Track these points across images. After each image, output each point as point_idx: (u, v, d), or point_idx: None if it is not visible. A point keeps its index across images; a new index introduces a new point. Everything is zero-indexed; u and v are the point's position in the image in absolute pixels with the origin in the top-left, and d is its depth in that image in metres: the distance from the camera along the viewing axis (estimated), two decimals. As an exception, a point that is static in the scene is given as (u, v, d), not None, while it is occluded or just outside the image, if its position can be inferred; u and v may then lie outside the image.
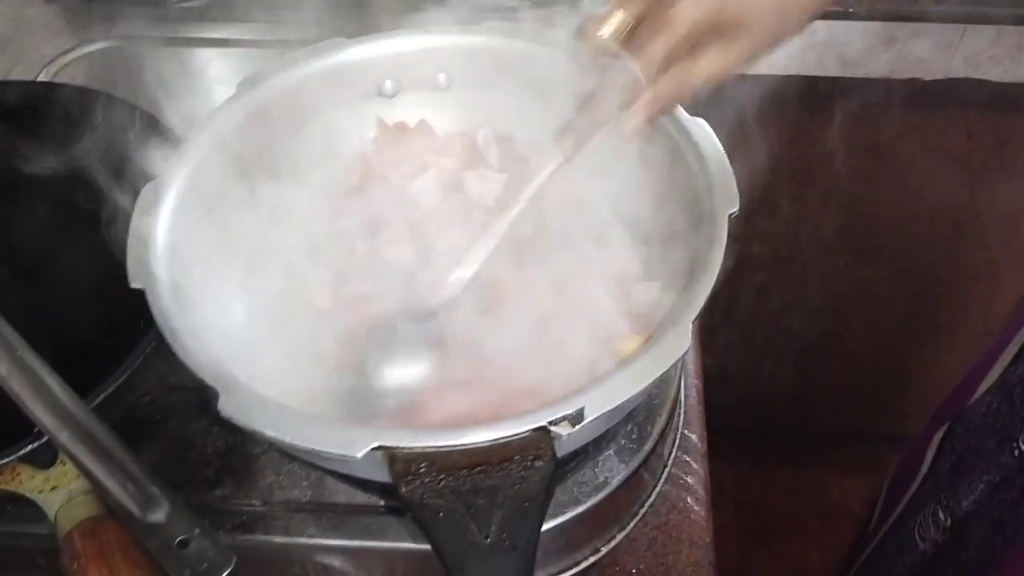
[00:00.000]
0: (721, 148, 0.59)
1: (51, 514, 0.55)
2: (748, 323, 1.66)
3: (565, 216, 0.64)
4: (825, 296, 1.59)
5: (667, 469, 0.68)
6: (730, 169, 0.58)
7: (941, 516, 1.04)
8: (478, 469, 0.47)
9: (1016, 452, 0.87)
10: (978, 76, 1.22)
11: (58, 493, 0.56)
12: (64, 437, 0.54)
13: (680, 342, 0.50)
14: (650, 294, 0.59)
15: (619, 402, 0.48)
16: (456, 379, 0.57)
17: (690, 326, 0.51)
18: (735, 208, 0.56)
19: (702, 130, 0.61)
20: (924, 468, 1.13)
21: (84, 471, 0.53)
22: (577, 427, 0.47)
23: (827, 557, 1.78)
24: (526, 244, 0.63)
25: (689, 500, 0.70)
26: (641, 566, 0.66)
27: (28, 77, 0.88)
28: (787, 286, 1.58)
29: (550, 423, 0.47)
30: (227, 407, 0.48)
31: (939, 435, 1.08)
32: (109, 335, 0.64)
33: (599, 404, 0.48)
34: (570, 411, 0.47)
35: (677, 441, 0.70)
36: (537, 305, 0.60)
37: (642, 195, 0.61)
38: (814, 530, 1.87)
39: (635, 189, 0.62)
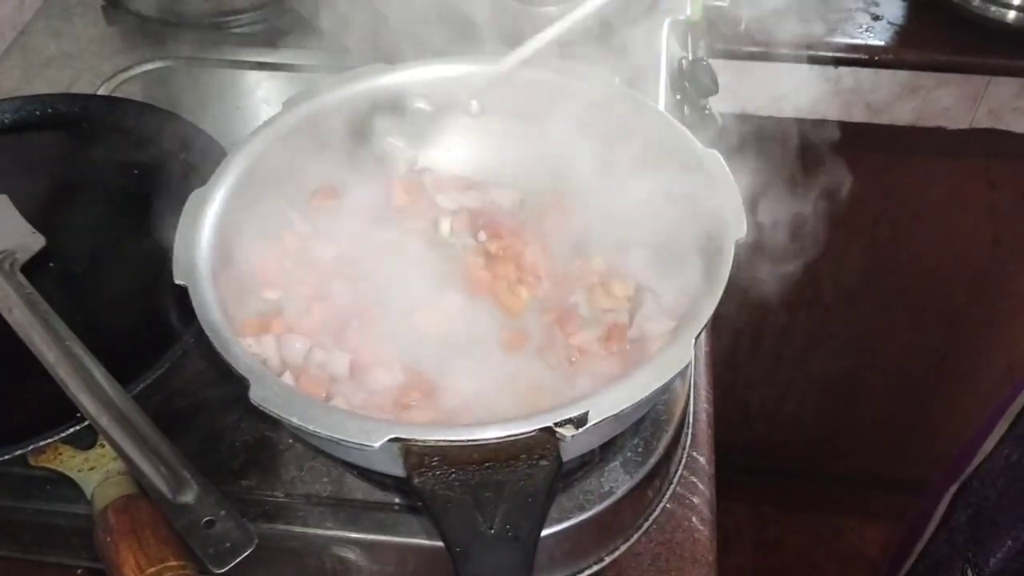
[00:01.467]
0: (731, 177, 0.63)
1: (88, 491, 0.59)
2: (770, 363, 1.67)
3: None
4: (847, 339, 1.60)
5: (672, 487, 0.71)
6: (739, 196, 0.61)
7: (969, 574, 1.04)
8: (486, 465, 0.50)
9: None
10: (1002, 127, 1.24)
11: (96, 473, 0.60)
12: (104, 422, 0.58)
13: (682, 356, 0.53)
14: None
15: (621, 408, 0.51)
16: None
17: (692, 341, 0.54)
18: (742, 234, 0.59)
19: (715, 160, 0.64)
20: (935, 522, 1.12)
21: (121, 454, 0.57)
22: (581, 430, 0.50)
23: (843, 602, 1.78)
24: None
25: (694, 520, 0.72)
26: (644, 580, 0.68)
27: (88, 91, 0.93)
28: (810, 328, 1.59)
29: (556, 424, 0.50)
30: (257, 396, 0.51)
31: (953, 488, 1.08)
32: (150, 331, 0.68)
33: (602, 409, 0.51)
34: (575, 414, 0.50)
35: (684, 461, 0.73)
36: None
37: (659, 219, 0.65)
38: (831, 575, 1.86)
39: (653, 213, 0.65)
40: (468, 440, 0.50)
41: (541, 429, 0.50)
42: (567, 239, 0.69)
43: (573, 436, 0.50)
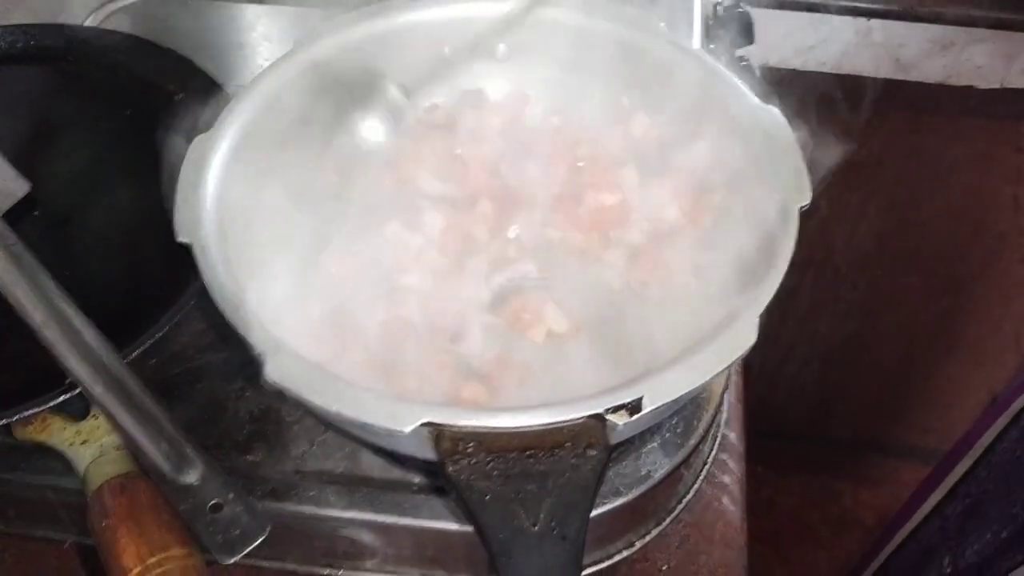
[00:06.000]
0: (793, 138, 0.57)
1: (81, 469, 0.54)
2: (774, 323, 1.63)
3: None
4: (855, 302, 1.57)
5: (707, 467, 0.67)
6: (802, 160, 0.56)
7: (945, 563, 1.01)
8: (528, 453, 0.45)
9: None
10: (1035, 88, 1.19)
11: (89, 447, 0.54)
12: (98, 390, 0.52)
13: (746, 336, 0.48)
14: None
15: (679, 394, 0.46)
16: None
17: (756, 320, 0.49)
18: (806, 202, 0.54)
19: (773, 117, 0.58)
20: (928, 506, 1.10)
21: (117, 426, 0.51)
22: (635, 417, 0.45)
23: (836, 565, 1.76)
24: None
25: (724, 500, 0.69)
26: (672, 563, 0.64)
27: (75, 22, 0.86)
28: (817, 289, 1.55)
29: (607, 411, 0.45)
30: (274, 373, 0.46)
31: (954, 474, 1.05)
32: (148, 288, 0.62)
33: (658, 395, 0.46)
34: (628, 400, 0.45)
35: (718, 439, 0.68)
36: None
37: (711, 182, 0.59)
38: (824, 537, 1.85)
39: (705, 176, 0.59)
40: (508, 427, 0.45)
41: (590, 416, 0.45)
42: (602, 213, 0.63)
43: (625, 424, 0.45)
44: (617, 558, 0.62)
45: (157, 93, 0.73)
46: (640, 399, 0.45)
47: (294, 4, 0.86)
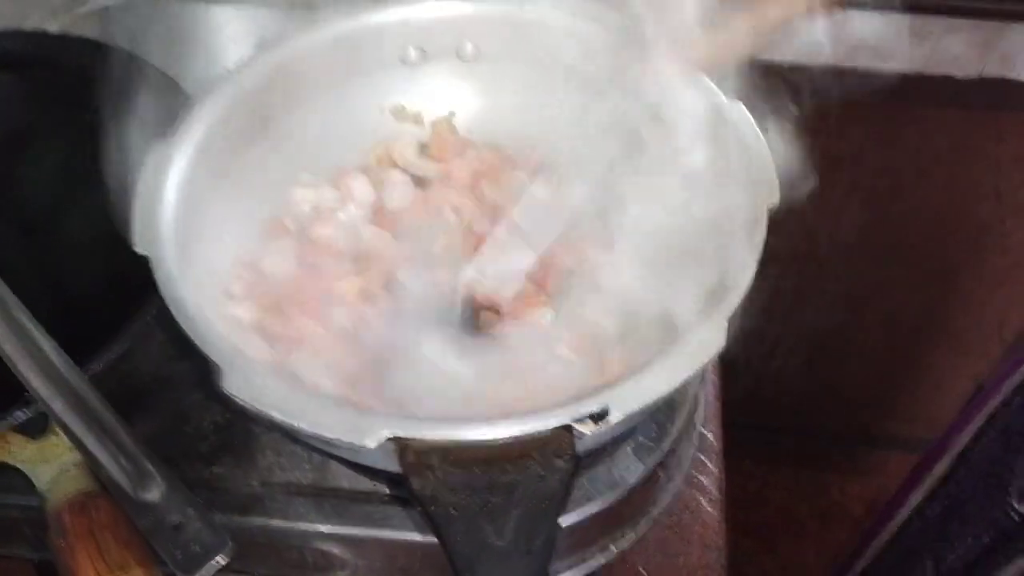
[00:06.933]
0: (761, 135, 0.56)
1: (41, 486, 0.53)
2: (759, 317, 1.63)
3: None
4: (839, 295, 1.56)
5: (683, 467, 0.66)
6: (770, 158, 0.55)
7: (928, 569, 1.01)
8: (494, 465, 0.44)
9: (1010, 511, 0.83)
10: (1013, 76, 1.18)
11: (49, 465, 0.53)
12: (58, 407, 0.51)
13: (714, 340, 0.47)
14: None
15: (647, 402, 0.45)
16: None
17: (725, 323, 0.48)
18: (775, 201, 0.53)
19: (741, 114, 0.57)
20: (907, 509, 1.09)
21: (77, 443, 0.51)
22: (601, 426, 0.44)
23: (824, 558, 1.76)
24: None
25: (702, 501, 0.68)
26: (650, 566, 0.64)
27: (39, 28, 0.84)
28: (801, 282, 1.54)
29: (573, 421, 0.44)
30: (230, 385, 0.45)
31: (933, 475, 1.04)
32: (109, 299, 0.61)
33: (626, 403, 0.45)
34: (595, 409, 0.45)
35: (695, 439, 0.68)
36: None
37: (674, 181, 0.58)
38: (812, 530, 1.85)
39: (668, 174, 0.58)
40: (473, 439, 0.44)
41: (556, 426, 0.44)
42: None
43: (592, 433, 0.44)
44: (593, 564, 0.61)
45: (121, 98, 0.71)
46: (607, 408, 0.44)
47: (263, 5, 0.84)
